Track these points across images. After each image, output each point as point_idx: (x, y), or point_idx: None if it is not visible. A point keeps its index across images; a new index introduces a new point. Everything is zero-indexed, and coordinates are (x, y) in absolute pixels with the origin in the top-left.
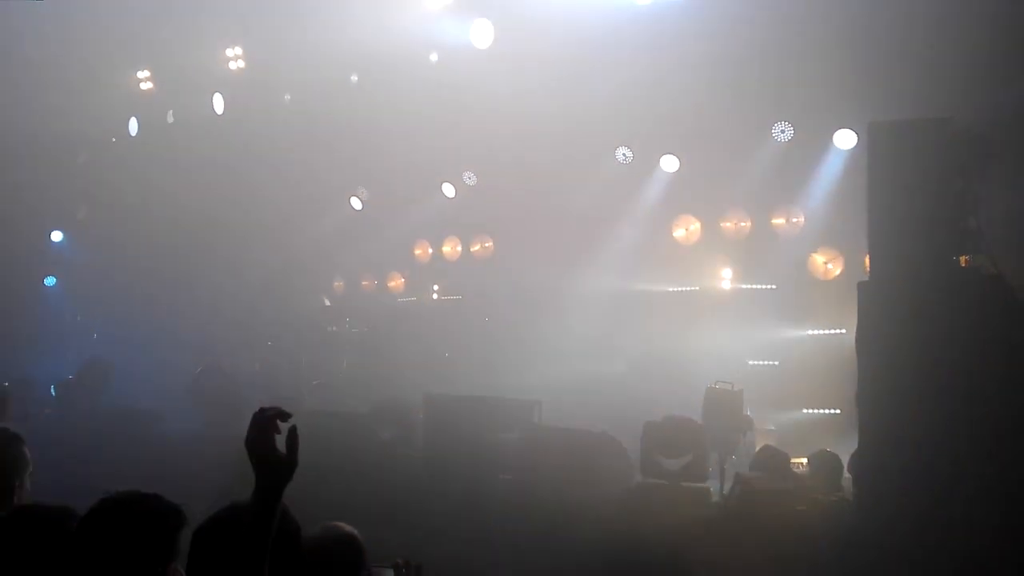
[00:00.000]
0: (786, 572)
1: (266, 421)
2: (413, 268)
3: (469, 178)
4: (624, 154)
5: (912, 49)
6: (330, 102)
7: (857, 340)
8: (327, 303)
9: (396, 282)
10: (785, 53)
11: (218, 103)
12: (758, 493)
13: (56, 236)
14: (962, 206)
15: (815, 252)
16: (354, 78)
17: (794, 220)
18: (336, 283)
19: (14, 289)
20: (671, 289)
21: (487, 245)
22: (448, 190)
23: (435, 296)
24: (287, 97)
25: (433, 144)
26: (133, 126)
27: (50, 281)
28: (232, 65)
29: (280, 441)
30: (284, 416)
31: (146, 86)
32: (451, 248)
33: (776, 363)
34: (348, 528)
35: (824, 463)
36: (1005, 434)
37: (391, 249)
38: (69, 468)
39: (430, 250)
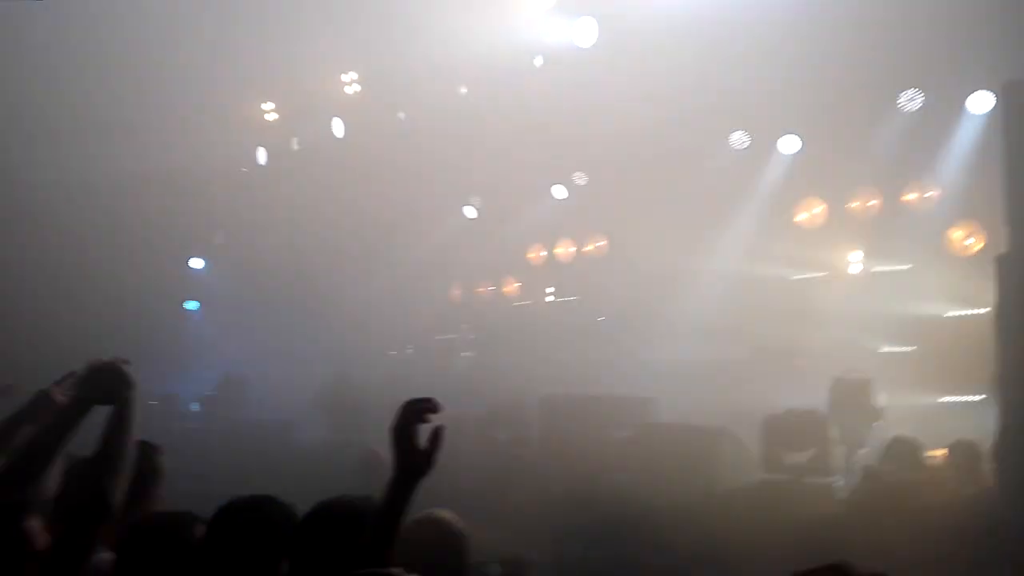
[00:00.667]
0: (925, 572)
1: (414, 411)
2: (527, 272)
3: (579, 178)
4: (740, 139)
5: None
6: (441, 116)
7: (996, 318)
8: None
9: (511, 287)
10: (907, 13)
11: (338, 127)
12: (889, 487)
13: (196, 263)
14: None
15: (952, 227)
16: (463, 90)
17: (927, 195)
18: (453, 291)
19: (158, 313)
20: (796, 277)
21: (601, 244)
22: (559, 192)
23: (550, 299)
24: (401, 115)
25: (542, 147)
26: (262, 155)
27: (191, 305)
28: (348, 90)
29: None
30: (434, 408)
31: (271, 117)
32: (564, 250)
33: (912, 349)
34: (449, 514)
35: (965, 453)
36: None
37: (505, 254)
38: (209, 477)
39: (543, 253)
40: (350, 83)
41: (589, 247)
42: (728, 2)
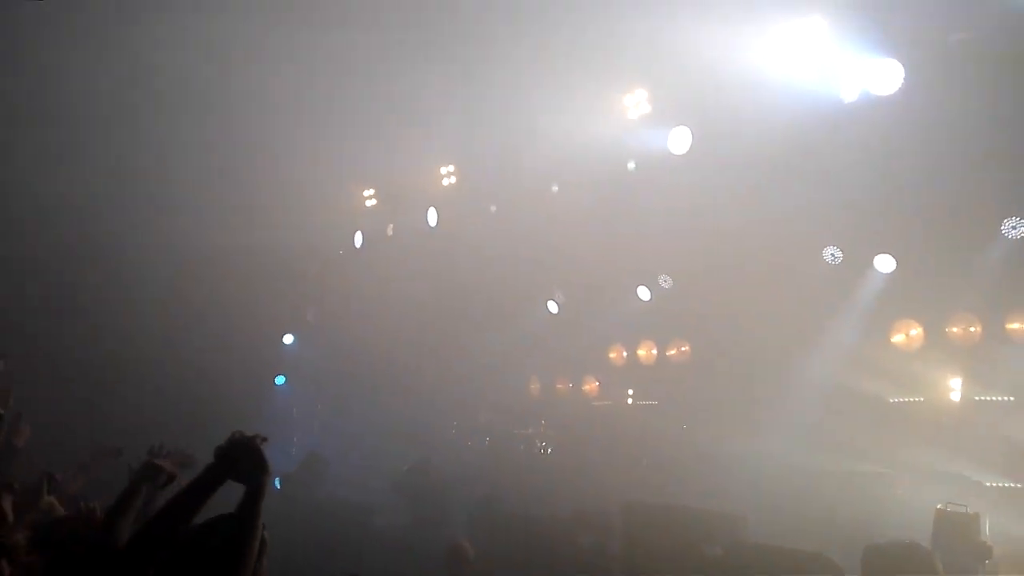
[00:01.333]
0: None
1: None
2: (608, 371)
3: (665, 281)
4: (833, 254)
5: None
6: (532, 211)
7: None
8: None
9: (591, 385)
10: (1011, 141)
11: (432, 216)
12: None
13: (288, 339)
14: None
15: None
16: (555, 188)
17: None
18: (532, 385)
19: (249, 388)
20: (892, 400)
21: (684, 349)
22: (643, 293)
23: (630, 400)
24: (493, 208)
25: (629, 248)
26: (358, 239)
27: (280, 380)
28: (445, 181)
29: None
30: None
31: (370, 203)
32: (646, 352)
33: (1019, 485)
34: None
35: None
36: None
37: (586, 352)
38: (291, 556)
39: (625, 354)
40: (447, 175)
41: (672, 351)
42: (829, 121)
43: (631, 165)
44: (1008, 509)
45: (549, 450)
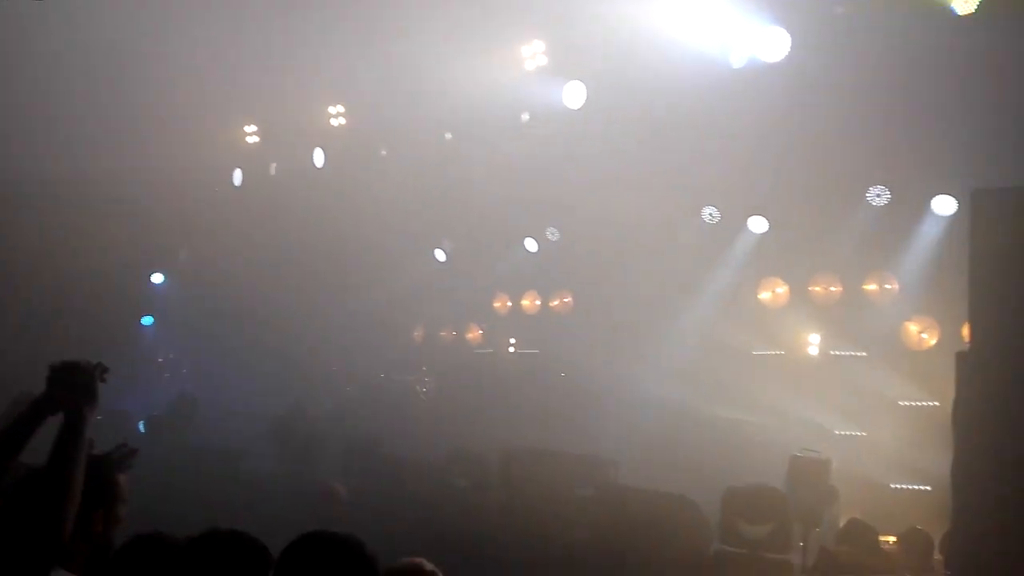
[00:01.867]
0: None
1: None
2: (492, 320)
3: (552, 234)
4: (711, 214)
5: (1016, 114)
6: (424, 157)
7: (954, 413)
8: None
9: (474, 334)
10: (881, 116)
11: (318, 157)
12: (844, 568)
13: (157, 278)
14: None
15: (909, 321)
16: (448, 135)
17: (887, 287)
18: (416, 332)
19: (114, 327)
20: (755, 352)
21: (567, 300)
22: (531, 245)
23: (512, 349)
24: (383, 152)
25: (519, 199)
26: (237, 177)
27: (147, 320)
28: (334, 122)
29: None
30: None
31: (252, 140)
32: (530, 302)
33: (864, 434)
34: (430, 567)
35: (916, 541)
36: None
37: (471, 301)
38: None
39: (509, 303)
40: (336, 115)
41: (555, 302)
42: (717, 85)
43: (525, 116)
44: (853, 454)
45: (428, 396)
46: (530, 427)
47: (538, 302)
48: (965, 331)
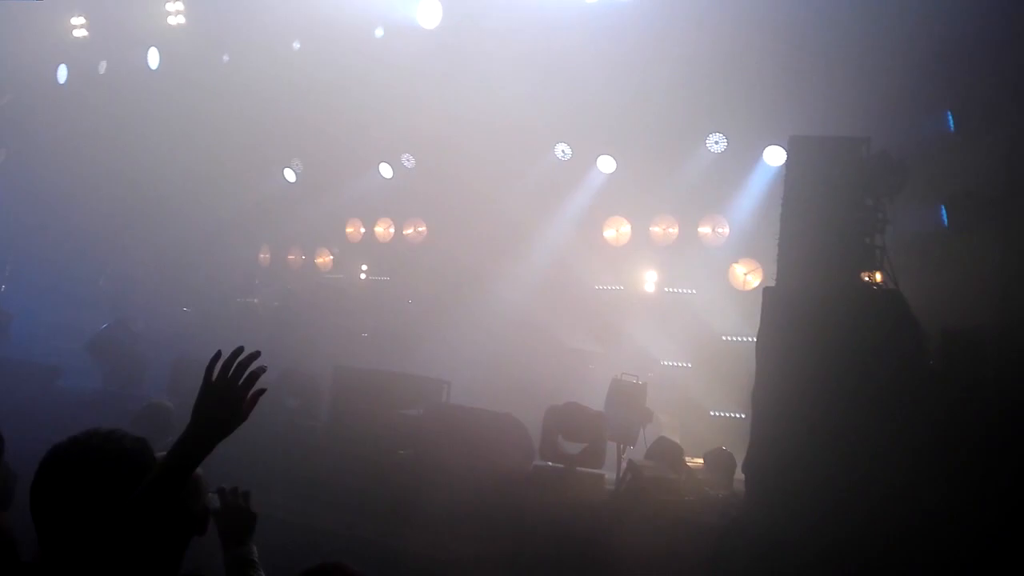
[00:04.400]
0: (671, 557)
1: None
2: (343, 246)
3: (407, 160)
4: (563, 151)
5: (843, 71)
6: (270, 67)
7: (757, 342)
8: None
9: (324, 258)
10: (725, 65)
11: (153, 57)
12: (648, 480)
13: None
14: (871, 223)
15: (736, 263)
16: (296, 45)
17: (719, 230)
18: (262, 254)
19: None
20: (597, 287)
21: (420, 229)
22: (386, 171)
23: (363, 276)
24: (225, 58)
25: (374, 122)
26: (62, 73)
27: None
28: (171, 20)
29: None
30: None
31: (79, 33)
32: (384, 229)
33: (689, 365)
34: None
35: (718, 460)
36: (888, 439)
37: (322, 225)
38: None
39: (362, 230)
40: (175, 13)
41: (409, 230)
42: (570, 20)
43: (379, 32)
44: (679, 383)
45: (273, 318)
46: (370, 351)
47: (391, 230)
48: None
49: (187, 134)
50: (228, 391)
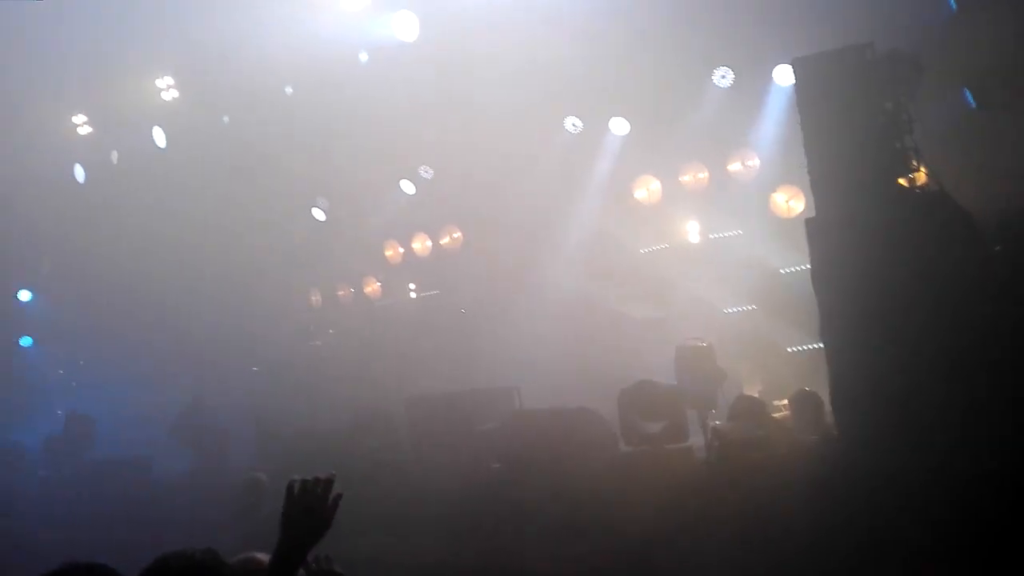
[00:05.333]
0: (775, 518)
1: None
2: (387, 270)
3: (425, 172)
4: (574, 124)
5: None
6: (268, 117)
7: (812, 277)
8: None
9: (372, 287)
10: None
11: (159, 136)
12: (735, 444)
13: (24, 295)
14: (895, 127)
15: (775, 192)
16: (288, 90)
17: (749, 163)
18: (312, 297)
19: None
20: (643, 251)
21: (456, 236)
22: (407, 187)
23: (412, 295)
24: (225, 119)
25: (381, 143)
26: (79, 173)
27: (25, 341)
28: (165, 96)
29: None
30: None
31: (84, 131)
32: (421, 244)
33: (753, 307)
34: (264, 557)
35: (804, 403)
36: (967, 344)
37: (362, 254)
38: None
39: (401, 249)
40: (166, 88)
41: (445, 239)
42: None
43: (364, 57)
44: (748, 328)
45: (338, 358)
46: (437, 371)
47: (428, 243)
48: None
49: (211, 200)
50: (311, 499)
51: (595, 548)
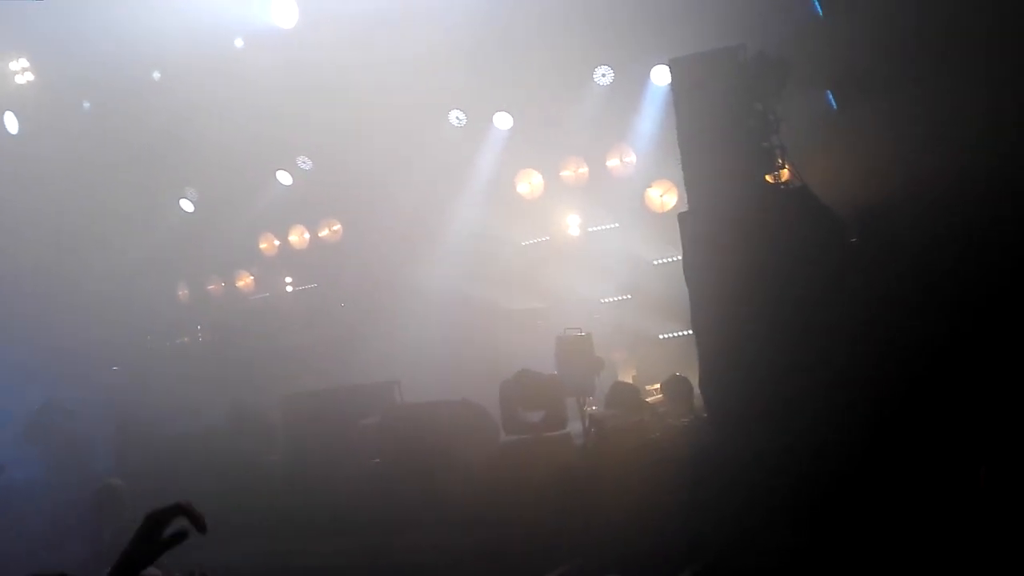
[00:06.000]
0: (649, 499)
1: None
2: (261, 263)
3: (303, 162)
4: (457, 117)
5: None
6: (135, 103)
7: (684, 267)
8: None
9: (245, 280)
10: None
11: (11, 122)
12: (611, 431)
13: None
14: (763, 126)
15: (649, 187)
16: (156, 75)
17: (627, 160)
18: (180, 291)
19: None
20: (524, 243)
21: (335, 228)
22: (284, 178)
23: (289, 288)
24: (86, 105)
25: (257, 133)
26: None
27: None
28: (19, 79)
29: None
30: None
31: None
32: (298, 236)
33: (629, 296)
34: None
35: (675, 388)
36: (825, 328)
37: (234, 247)
38: None
39: (276, 242)
40: (20, 71)
41: (324, 232)
42: None
43: (239, 43)
44: (624, 317)
45: (208, 355)
46: (314, 367)
47: (306, 235)
48: None
49: (67, 191)
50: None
51: (480, 538)
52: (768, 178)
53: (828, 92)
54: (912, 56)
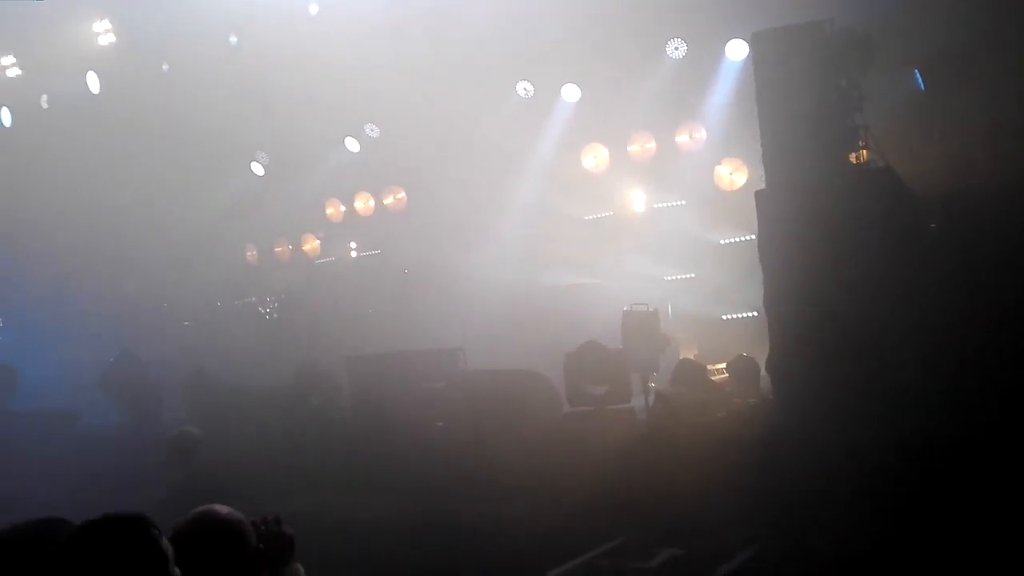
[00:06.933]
0: (712, 477)
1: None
2: (327, 228)
3: (372, 130)
4: (525, 88)
5: None
6: (212, 67)
7: (759, 247)
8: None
9: (311, 244)
10: None
11: (93, 82)
12: (677, 407)
13: None
14: (847, 104)
15: (719, 164)
16: (233, 39)
17: (696, 136)
18: (248, 252)
19: None
20: (587, 217)
21: (400, 196)
22: (352, 144)
23: (353, 254)
24: (165, 67)
25: (327, 99)
26: (6, 116)
27: None
28: (102, 40)
29: None
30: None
31: (13, 72)
32: (364, 203)
33: (692, 275)
34: (224, 511)
35: (741, 368)
36: (908, 317)
37: (302, 211)
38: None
39: (342, 208)
40: (103, 32)
41: (389, 199)
42: None
43: (314, 9)
44: (686, 295)
45: (275, 316)
46: (379, 332)
47: (371, 202)
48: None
49: (145, 150)
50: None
51: (537, 505)
52: (851, 157)
53: (916, 72)
54: (1009, 41)
